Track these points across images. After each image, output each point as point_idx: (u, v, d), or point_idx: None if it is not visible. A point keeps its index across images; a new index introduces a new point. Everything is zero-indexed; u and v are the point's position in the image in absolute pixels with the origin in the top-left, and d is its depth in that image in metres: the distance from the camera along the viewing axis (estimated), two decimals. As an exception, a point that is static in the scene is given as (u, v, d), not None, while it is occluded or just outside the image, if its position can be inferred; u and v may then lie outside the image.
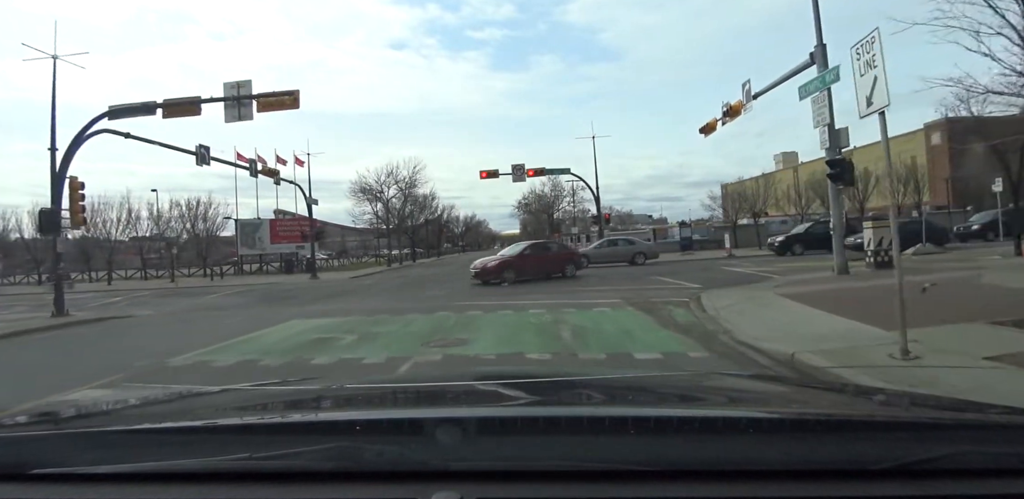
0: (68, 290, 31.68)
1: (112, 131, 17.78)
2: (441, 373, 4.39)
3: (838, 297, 9.16)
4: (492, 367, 5.88)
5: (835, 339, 6.18)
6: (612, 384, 1.71)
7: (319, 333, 8.96)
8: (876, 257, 14.97)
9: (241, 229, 42.63)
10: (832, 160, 14.12)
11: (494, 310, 10.81)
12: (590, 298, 12.39)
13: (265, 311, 13.99)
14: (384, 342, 7.84)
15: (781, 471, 0.89)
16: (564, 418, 1.15)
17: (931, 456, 0.89)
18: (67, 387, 5.75)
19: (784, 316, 8.04)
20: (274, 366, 6.55)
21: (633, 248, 27.05)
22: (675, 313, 9.39)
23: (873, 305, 7.91)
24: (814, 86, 14.35)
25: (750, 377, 2.35)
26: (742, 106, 18.80)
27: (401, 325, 9.51)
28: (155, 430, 1.21)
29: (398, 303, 14.00)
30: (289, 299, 17.62)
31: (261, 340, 8.73)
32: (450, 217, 79.08)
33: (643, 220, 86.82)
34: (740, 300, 9.98)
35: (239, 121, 15.38)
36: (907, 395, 1.74)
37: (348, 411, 1.45)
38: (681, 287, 14.53)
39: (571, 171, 34.53)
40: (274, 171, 29.00)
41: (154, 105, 15.85)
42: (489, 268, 19.52)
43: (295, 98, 15.12)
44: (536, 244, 22.70)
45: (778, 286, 11.63)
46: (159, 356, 7.42)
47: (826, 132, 14.25)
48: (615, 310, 10.04)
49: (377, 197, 49.00)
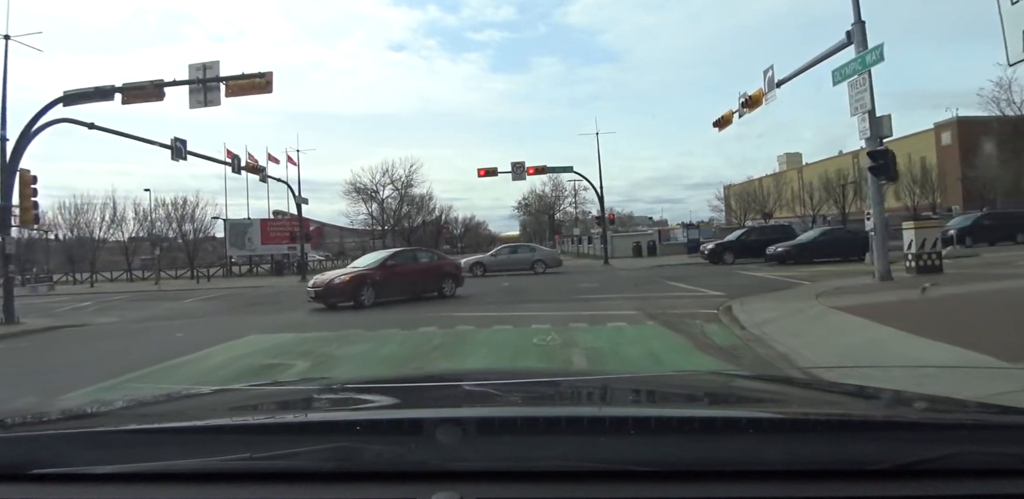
0: (48, 292, 30.34)
1: (73, 121, 16.19)
2: (441, 373, 4.14)
3: (904, 310, 7.52)
4: (492, 367, 5.68)
5: (948, 377, 4.52)
6: (612, 384, 1.69)
7: (270, 356, 7.25)
8: (918, 261, 13.30)
9: (230, 229, 41.12)
10: (874, 151, 12.49)
11: (488, 324, 9.14)
12: (601, 309, 10.73)
13: (231, 321, 12.36)
14: (344, 372, 6.19)
15: (781, 471, 0.88)
16: (564, 418, 1.14)
17: (931, 456, 0.88)
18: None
19: (851, 336, 6.39)
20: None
21: (532, 255, 26.19)
22: (708, 330, 7.73)
23: (958, 322, 6.28)
24: (852, 68, 12.72)
25: (750, 377, 2.39)
26: (763, 96, 17.16)
27: (373, 345, 7.82)
28: (155, 430, 1.21)
29: (379, 312, 12.36)
30: (264, 305, 15.97)
31: (198, 365, 7.07)
32: (448, 218, 77.67)
33: (644, 222, 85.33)
34: (784, 313, 8.32)
35: (205, 107, 13.73)
36: (907, 395, 1.54)
37: (348, 411, 1.40)
38: (701, 295, 12.89)
39: (574, 169, 32.88)
40: (258, 168, 27.37)
41: (111, 89, 14.20)
42: (336, 285, 13.62)
43: (268, 81, 13.45)
44: (403, 252, 16.57)
45: (822, 295, 9.96)
46: (55, 389, 5.75)
47: (866, 120, 12.60)
48: (635, 326, 8.36)
49: (372, 197, 47.48)
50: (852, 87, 12.83)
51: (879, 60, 12.07)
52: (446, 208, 74.88)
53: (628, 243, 39.10)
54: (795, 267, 19.75)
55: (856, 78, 12.68)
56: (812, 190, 42.00)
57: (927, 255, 13.34)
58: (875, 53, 12.13)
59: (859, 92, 12.67)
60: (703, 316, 9.12)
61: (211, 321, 12.71)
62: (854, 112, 12.88)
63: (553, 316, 9.78)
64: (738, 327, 7.93)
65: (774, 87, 16.35)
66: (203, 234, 44.87)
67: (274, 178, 30.75)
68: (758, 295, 11.56)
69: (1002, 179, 42.31)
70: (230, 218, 42.53)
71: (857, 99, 12.70)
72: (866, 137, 12.68)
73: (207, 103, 13.59)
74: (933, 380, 4.27)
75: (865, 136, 12.68)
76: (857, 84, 12.71)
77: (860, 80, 12.61)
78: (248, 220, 42.41)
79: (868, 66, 12.33)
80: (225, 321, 12.48)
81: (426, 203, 56.68)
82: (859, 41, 12.77)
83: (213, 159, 23.95)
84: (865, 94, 12.49)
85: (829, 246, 22.18)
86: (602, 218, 33.81)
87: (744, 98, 18.20)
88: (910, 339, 5.89)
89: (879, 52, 12.02)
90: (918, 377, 4.48)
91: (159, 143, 20.32)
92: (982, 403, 1.30)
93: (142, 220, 42.45)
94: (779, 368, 5.41)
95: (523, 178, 30.82)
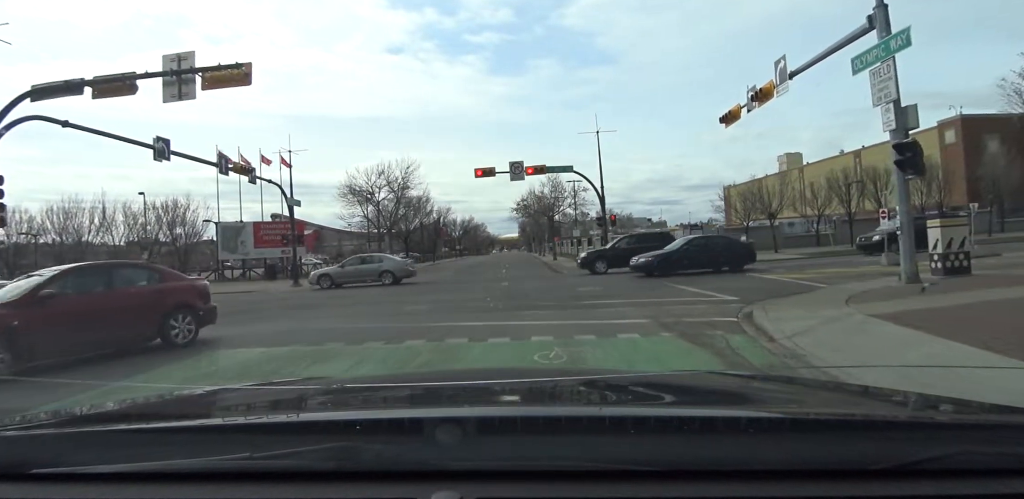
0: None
1: (47, 118, 15.28)
2: (441, 373, 3.95)
3: (957, 318, 6.59)
4: (492, 367, 5.59)
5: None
6: (612, 384, 1.67)
7: (226, 381, 6.23)
8: (945, 261, 12.39)
9: (222, 233, 40.18)
10: (901, 144, 11.59)
11: (484, 337, 8.17)
12: (608, 317, 9.76)
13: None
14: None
15: (781, 471, 0.88)
16: (564, 418, 1.13)
17: (931, 456, 0.88)
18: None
19: (907, 351, 5.44)
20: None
21: (380, 266, 25.08)
22: (734, 343, 6.79)
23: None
24: (875, 55, 11.82)
25: (750, 377, 2.37)
26: (774, 88, 16.27)
27: (349, 364, 6.81)
28: (155, 430, 1.19)
29: (365, 322, 11.37)
30: (245, 314, 14.98)
31: (134, 392, 5.99)
32: (446, 220, 76.78)
33: (643, 223, 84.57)
34: (815, 322, 7.38)
35: (180, 101, 12.77)
36: (907, 395, 1.49)
37: (348, 411, 1.40)
38: (713, 299, 11.95)
39: (573, 169, 31.96)
40: (247, 169, 26.41)
41: (80, 83, 13.27)
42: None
43: (246, 72, 12.49)
44: (82, 271, 9.07)
45: (853, 300, 9.03)
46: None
47: (891, 111, 11.71)
48: (649, 339, 7.39)
49: (368, 199, 46.46)
50: (874, 76, 11.93)
51: (905, 45, 11.17)
52: (444, 210, 74.06)
53: (629, 245, 38.15)
54: (774, 271, 18.81)
55: (879, 66, 11.78)
56: (817, 189, 41.07)
57: (954, 255, 12.43)
58: (901, 38, 11.23)
59: (882, 81, 11.77)
60: (723, 325, 8.18)
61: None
62: (876, 102, 11.98)
63: (555, 326, 8.82)
64: (766, 338, 6.99)
65: (786, 79, 15.45)
66: (195, 238, 43.98)
67: (264, 179, 29.87)
68: (778, 300, 10.63)
69: (1008, 177, 41.60)
70: (222, 221, 41.58)
71: (880, 88, 11.80)
72: (891, 129, 11.78)
73: (182, 96, 12.64)
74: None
75: (890, 128, 11.78)
76: (880, 72, 11.81)
77: (884, 68, 11.70)
78: (240, 223, 41.48)
79: (893, 52, 11.43)
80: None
81: (423, 205, 55.62)
82: (882, 26, 11.88)
83: (198, 159, 23.06)
84: (890, 83, 11.59)
85: (696, 256, 20.87)
86: (603, 218, 32.89)
87: (753, 92, 17.31)
88: (984, 355, 4.91)
89: (906, 36, 11.13)
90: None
91: (141, 143, 19.47)
92: (982, 403, 1.24)
93: (131, 224, 41.49)
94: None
95: (521, 178, 29.92)
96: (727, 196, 61.07)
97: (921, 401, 1.38)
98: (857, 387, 2.62)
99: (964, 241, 12.68)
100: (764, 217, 38.23)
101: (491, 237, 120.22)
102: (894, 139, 11.69)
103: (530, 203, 65.87)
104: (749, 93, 17.53)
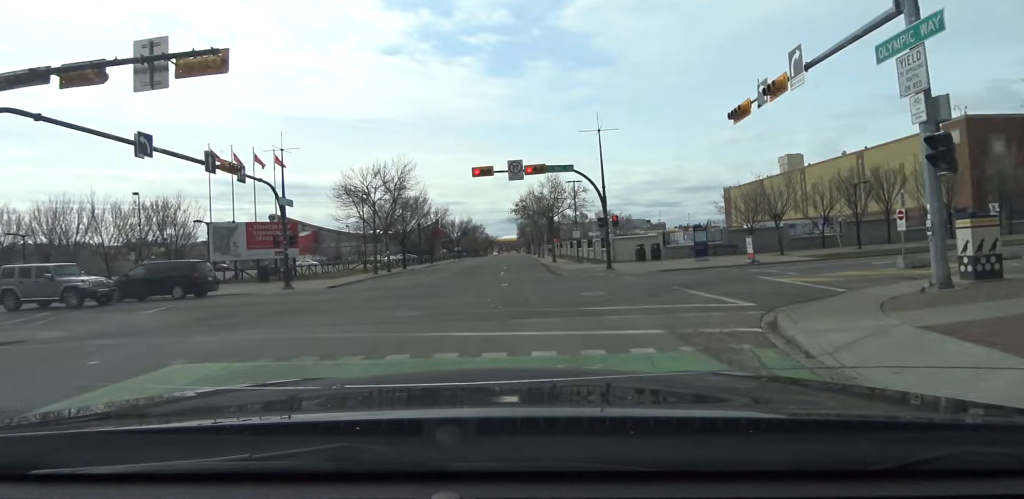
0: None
1: (18, 111, 14.33)
2: (441, 373, 3.71)
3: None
4: (492, 367, 5.65)
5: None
6: (612, 384, 1.65)
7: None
8: (976, 265, 11.48)
9: (214, 233, 39.27)
10: (933, 136, 10.68)
11: (477, 352, 7.20)
12: (617, 327, 8.82)
13: (175, 340, 10.43)
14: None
15: (781, 471, 0.87)
16: (564, 418, 1.13)
17: (931, 456, 0.87)
18: None
19: (991, 377, 4.50)
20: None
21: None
22: (766, 359, 5.85)
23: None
24: (903, 41, 10.91)
25: (750, 377, 2.36)
26: (787, 80, 15.35)
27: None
28: (155, 430, 1.19)
29: (347, 331, 10.42)
30: (227, 318, 14.04)
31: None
32: (444, 221, 75.89)
33: (642, 225, 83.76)
34: (859, 335, 6.44)
35: (152, 89, 11.83)
36: (907, 395, 1.49)
37: (348, 411, 1.40)
38: (729, 306, 11.02)
39: (573, 168, 31.04)
40: (236, 168, 25.44)
41: (46, 71, 12.32)
42: None
43: (223, 58, 11.55)
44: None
45: (890, 309, 8.09)
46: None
47: (921, 101, 10.78)
48: (668, 354, 6.42)
49: (363, 199, 45.44)
50: (902, 64, 11.02)
51: (938, 30, 10.26)
52: (442, 211, 73.15)
53: (630, 246, 37.29)
54: (785, 274, 17.94)
55: (907, 52, 10.87)
56: (823, 190, 40.21)
57: (986, 258, 11.54)
58: (933, 21, 10.30)
59: (911, 69, 10.84)
60: (748, 337, 7.24)
61: (161, 340, 10.75)
62: (905, 93, 11.05)
63: (559, 338, 7.88)
64: (802, 354, 6.06)
65: (802, 70, 14.51)
66: (187, 239, 43.01)
67: (254, 178, 28.96)
68: (799, 306, 9.72)
69: (1015, 178, 40.80)
70: (214, 221, 40.62)
71: (909, 77, 10.87)
72: (921, 120, 10.86)
73: (154, 85, 11.70)
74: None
75: (920, 120, 10.86)
76: (908, 60, 10.89)
77: (913, 55, 10.79)
78: (233, 224, 40.54)
79: (923, 38, 10.52)
80: (175, 340, 10.55)
81: (420, 206, 54.61)
82: (910, 10, 10.96)
83: (184, 156, 22.10)
84: (920, 70, 10.66)
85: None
86: (604, 219, 31.95)
87: (764, 85, 16.40)
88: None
89: (939, 20, 10.20)
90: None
91: (121, 138, 18.53)
92: (983, 404, 1.21)
93: (120, 225, 40.46)
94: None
95: (520, 177, 28.99)
96: (728, 197, 60.30)
97: (921, 402, 1.36)
98: (859, 388, 2.50)
99: (996, 242, 11.79)
100: (768, 218, 37.30)
101: (490, 238, 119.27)
102: (925, 132, 10.79)
103: (529, 204, 64.99)
104: (760, 87, 16.63)
